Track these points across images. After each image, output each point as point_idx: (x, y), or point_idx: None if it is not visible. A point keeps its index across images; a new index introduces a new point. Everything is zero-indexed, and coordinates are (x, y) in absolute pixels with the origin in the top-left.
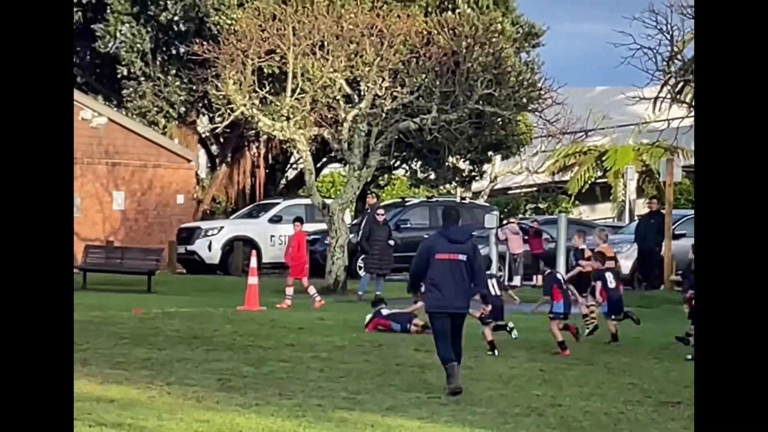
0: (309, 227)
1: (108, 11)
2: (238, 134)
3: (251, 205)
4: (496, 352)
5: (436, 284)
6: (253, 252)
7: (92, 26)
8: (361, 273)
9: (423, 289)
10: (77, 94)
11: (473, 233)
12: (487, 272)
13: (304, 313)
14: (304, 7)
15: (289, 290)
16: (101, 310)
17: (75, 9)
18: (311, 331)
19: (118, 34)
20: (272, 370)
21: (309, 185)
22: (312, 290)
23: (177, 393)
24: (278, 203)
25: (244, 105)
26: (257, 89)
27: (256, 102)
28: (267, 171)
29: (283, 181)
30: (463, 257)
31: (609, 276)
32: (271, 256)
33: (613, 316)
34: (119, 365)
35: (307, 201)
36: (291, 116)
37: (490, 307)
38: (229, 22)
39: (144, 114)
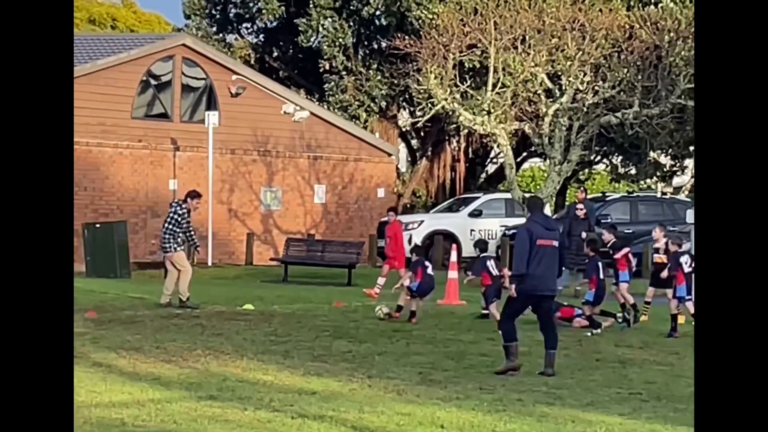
0: (509, 222)
1: (311, 6)
2: (438, 128)
3: (451, 199)
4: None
5: (536, 268)
6: (453, 246)
7: (295, 21)
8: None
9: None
10: (280, 88)
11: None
12: (485, 254)
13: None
14: (506, 1)
15: (381, 280)
16: (302, 303)
17: (278, 4)
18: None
19: (320, 29)
20: (472, 364)
21: (509, 180)
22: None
23: (378, 386)
24: (478, 197)
25: (445, 99)
26: (458, 83)
27: (457, 96)
28: (467, 165)
29: (483, 176)
30: (557, 243)
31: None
32: (470, 251)
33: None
34: (320, 358)
35: (507, 195)
36: (492, 110)
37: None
38: (430, 16)
39: (345, 108)
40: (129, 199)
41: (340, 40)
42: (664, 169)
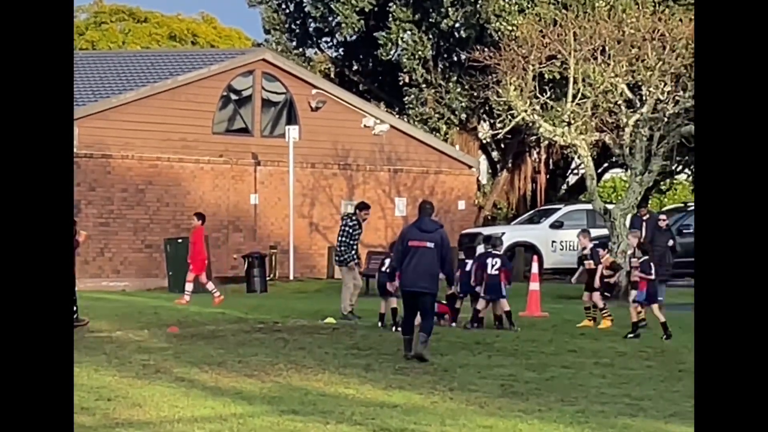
0: (592, 232)
1: (390, 19)
2: (518, 140)
3: (532, 211)
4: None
5: (407, 266)
6: (535, 257)
7: (374, 34)
8: None
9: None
10: (359, 101)
11: (442, 225)
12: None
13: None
14: (585, 12)
15: (210, 285)
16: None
17: (358, 17)
18: (592, 337)
19: (399, 42)
20: (554, 375)
21: (590, 190)
22: (210, 286)
23: (459, 398)
24: (559, 209)
25: (525, 111)
26: (538, 95)
27: (537, 107)
28: (548, 176)
29: (564, 187)
30: (430, 245)
31: None
32: (552, 262)
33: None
34: (402, 370)
35: (589, 206)
36: (572, 121)
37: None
38: (510, 28)
39: (425, 120)
40: (210, 214)
41: (420, 52)
42: None
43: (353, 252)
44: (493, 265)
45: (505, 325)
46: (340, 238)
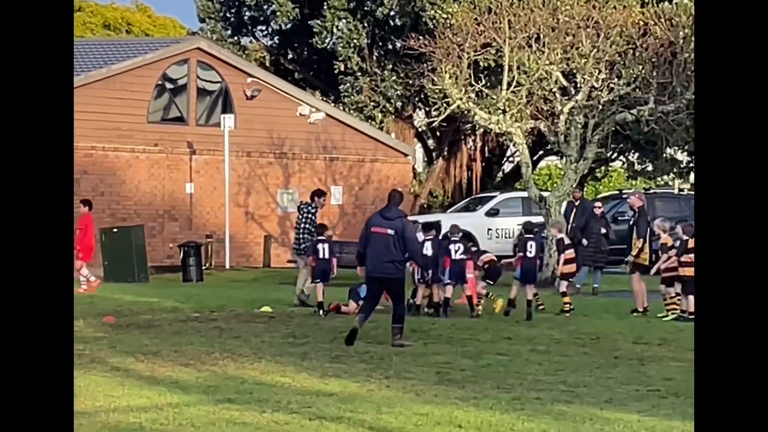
0: (527, 220)
1: (325, 7)
2: (454, 128)
3: (468, 199)
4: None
5: (371, 252)
6: (471, 245)
7: (309, 22)
8: None
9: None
10: (295, 90)
11: (405, 214)
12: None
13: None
14: (520, 0)
15: (84, 271)
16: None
17: (293, 6)
18: (528, 324)
19: (335, 30)
20: (490, 363)
21: (526, 178)
22: (85, 272)
23: (396, 386)
24: (495, 196)
25: (461, 99)
26: (473, 83)
27: (472, 95)
28: (483, 164)
29: (500, 175)
30: (391, 231)
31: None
32: (488, 249)
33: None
34: (338, 359)
35: (524, 194)
36: (507, 109)
37: (429, 273)
38: (444, 16)
39: (361, 109)
40: (146, 204)
41: (355, 41)
42: (681, 166)
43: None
44: (456, 251)
45: (441, 312)
46: (304, 226)
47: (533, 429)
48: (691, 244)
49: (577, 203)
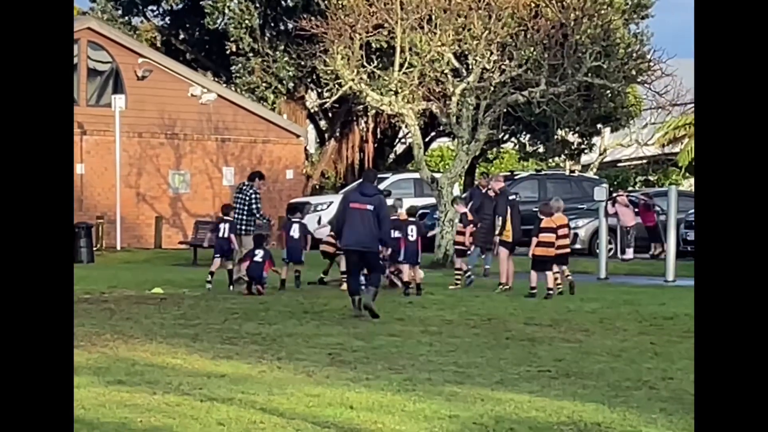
0: (418, 201)
1: None
2: (346, 109)
3: (360, 180)
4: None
5: (349, 227)
6: None
7: (201, 3)
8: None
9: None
10: (186, 71)
11: (383, 191)
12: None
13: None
14: None
15: None
16: (212, 285)
17: None
18: (420, 305)
19: (226, 11)
20: (382, 344)
21: (418, 159)
22: None
23: (287, 368)
24: (387, 177)
25: (352, 80)
26: (365, 64)
27: (364, 77)
28: (375, 146)
29: (392, 156)
30: (370, 207)
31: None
32: None
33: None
34: (230, 340)
35: (416, 175)
36: (399, 91)
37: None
38: None
39: (253, 90)
40: None
41: (247, 21)
42: (572, 147)
43: (253, 220)
44: (410, 232)
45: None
46: (250, 206)
47: (424, 410)
48: (543, 223)
49: (484, 190)
